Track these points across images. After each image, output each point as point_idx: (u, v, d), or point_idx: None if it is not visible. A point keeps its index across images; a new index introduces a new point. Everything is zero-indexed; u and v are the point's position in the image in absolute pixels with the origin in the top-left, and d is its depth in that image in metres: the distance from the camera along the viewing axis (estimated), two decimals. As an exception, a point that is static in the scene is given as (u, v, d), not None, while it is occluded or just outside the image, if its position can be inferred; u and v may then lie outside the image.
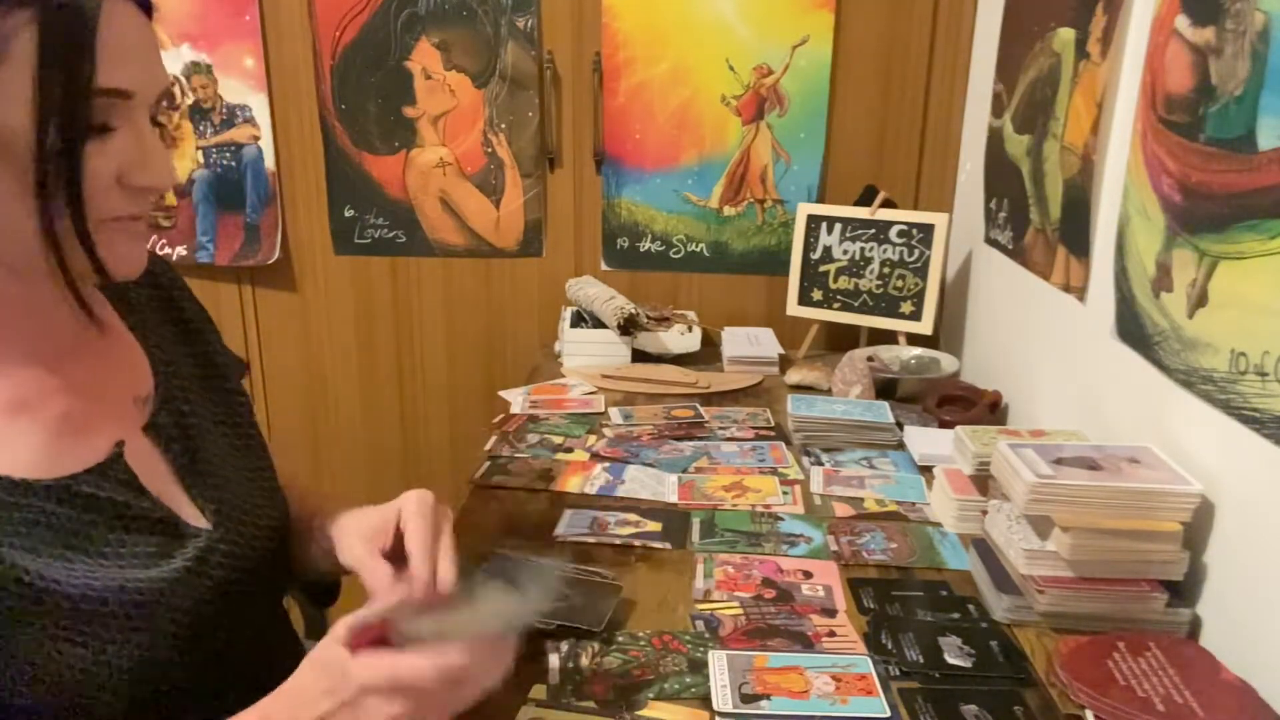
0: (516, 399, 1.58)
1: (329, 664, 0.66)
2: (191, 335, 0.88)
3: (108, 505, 0.71)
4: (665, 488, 1.25)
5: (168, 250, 1.97)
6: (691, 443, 1.40)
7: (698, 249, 1.97)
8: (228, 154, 1.96)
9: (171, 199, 1.97)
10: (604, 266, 1.99)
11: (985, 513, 1.07)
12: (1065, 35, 1.32)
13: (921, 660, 0.88)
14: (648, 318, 1.78)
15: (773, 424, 1.49)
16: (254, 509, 0.83)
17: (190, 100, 1.93)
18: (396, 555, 0.80)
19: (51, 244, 0.65)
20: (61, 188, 0.64)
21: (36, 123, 0.62)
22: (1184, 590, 0.94)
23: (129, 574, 0.70)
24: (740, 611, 0.96)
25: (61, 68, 0.63)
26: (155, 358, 0.82)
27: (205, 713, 0.70)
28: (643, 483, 1.25)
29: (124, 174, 0.68)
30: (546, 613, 0.88)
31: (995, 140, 1.61)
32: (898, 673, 0.86)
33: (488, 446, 1.39)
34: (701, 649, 0.88)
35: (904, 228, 1.76)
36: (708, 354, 1.82)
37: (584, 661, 0.86)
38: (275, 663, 0.74)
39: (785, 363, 1.75)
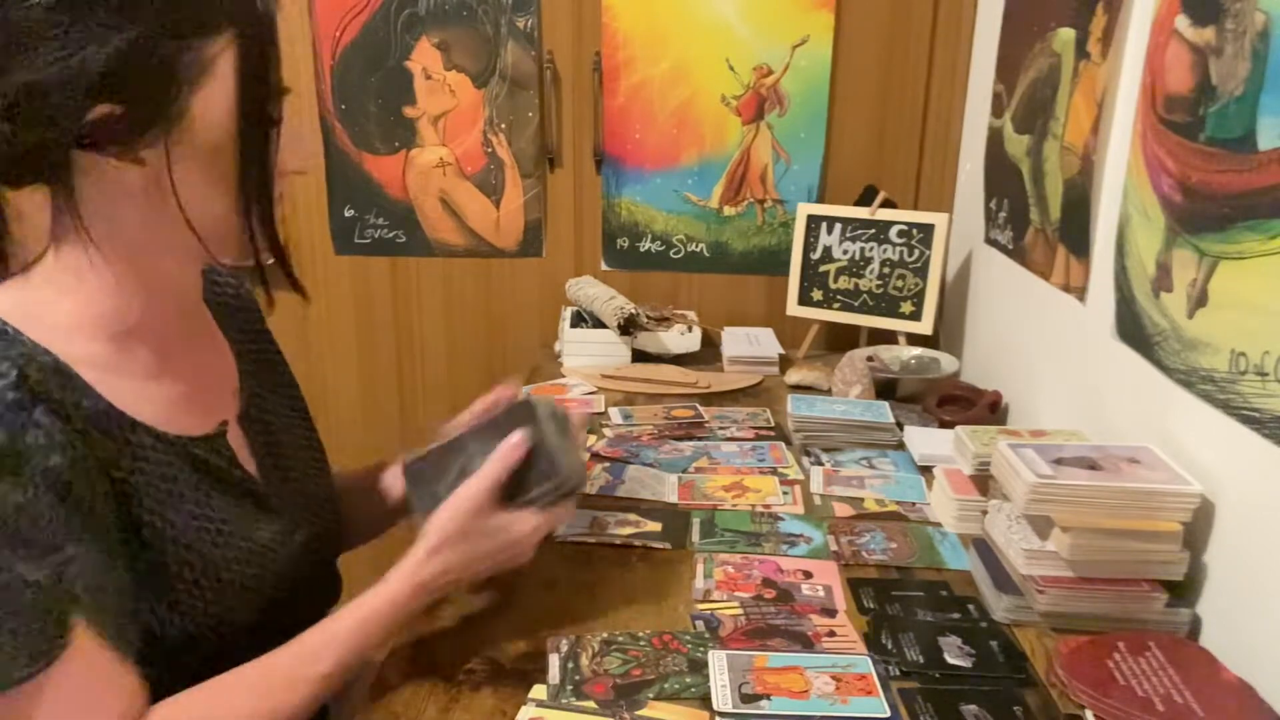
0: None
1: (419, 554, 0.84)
2: (257, 336, 0.96)
3: (215, 470, 0.79)
4: (665, 488, 1.24)
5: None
6: (691, 443, 1.40)
7: (698, 249, 1.97)
8: (228, 154, 1.96)
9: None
10: (604, 266, 1.99)
11: (985, 513, 1.07)
12: (1065, 35, 1.32)
13: (921, 660, 0.88)
14: (648, 318, 1.78)
15: (773, 424, 1.49)
16: (319, 501, 0.93)
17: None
18: None
19: (249, 228, 0.75)
20: (255, 178, 0.74)
21: (238, 124, 0.72)
22: (1184, 590, 0.94)
23: (233, 535, 0.78)
24: (740, 611, 0.96)
25: (256, 75, 0.72)
26: (239, 355, 0.91)
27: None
28: (643, 483, 1.25)
29: (283, 160, 0.77)
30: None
31: (995, 140, 1.61)
32: (898, 673, 0.86)
33: (488, 446, 1.39)
34: (701, 649, 0.88)
35: (904, 228, 1.76)
36: (708, 354, 1.82)
37: (584, 661, 0.86)
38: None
39: (785, 363, 1.75)
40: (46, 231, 0.75)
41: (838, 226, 1.82)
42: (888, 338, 1.79)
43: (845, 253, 1.81)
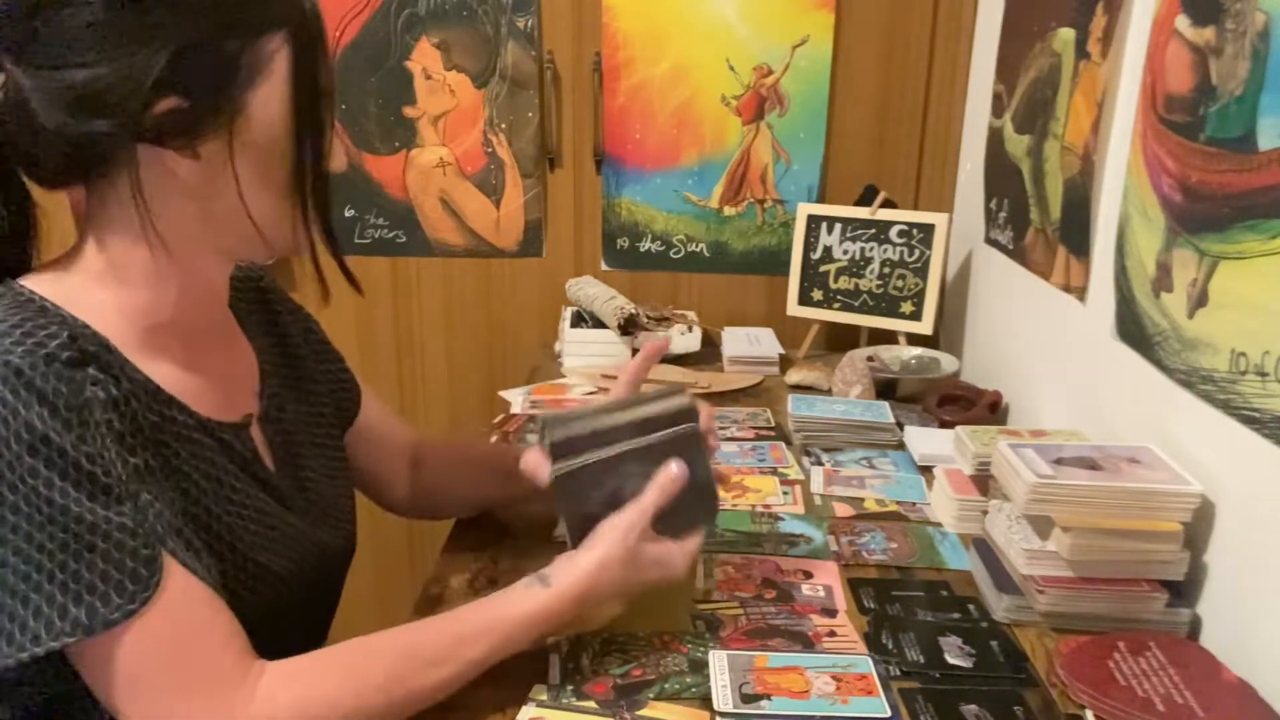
0: (516, 399, 1.58)
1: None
2: (288, 345, 0.97)
3: (239, 458, 0.80)
4: (665, 488, 1.24)
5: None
6: (691, 443, 1.40)
7: (698, 249, 1.97)
8: (228, 154, 1.96)
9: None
10: (604, 266, 1.99)
11: (985, 513, 1.07)
12: (1065, 35, 1.32)
13: (922, 660, 0.88)
14: (648, 318, 1.78)
15: (773, 424, 1.49)
16: (335, 508, 0.93)
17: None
18: None
19: (305, 226, 0.79)
20: (313, 179, 0.77)
21: (293, 124, 0.74)
22: (1184, 590, 0.94)
23: (254, 518, 0.79)
24: (740, 611, 0.96)
25: (308, 75, 0.75)
26: (261, 357, 0.91)
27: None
28: (643, 483, 1.25)
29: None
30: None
31: (995, 140, 1.61)
32: (898, 673, 0.86)
33: (488, 446, 1.38)
34: (701, 649, 0.88)
35: (904, 228, 1.76)
36: (708, 354, 1.82)
37: (584, 661, 0.86)
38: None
39: (785, 363, 1.75)
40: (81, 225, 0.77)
41: (838, 226, 1.82)
42: (888, 338, 1.79)
43: (845, 253, 1.81)
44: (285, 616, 0.80)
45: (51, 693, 0.71)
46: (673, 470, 0.87)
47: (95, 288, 0.75)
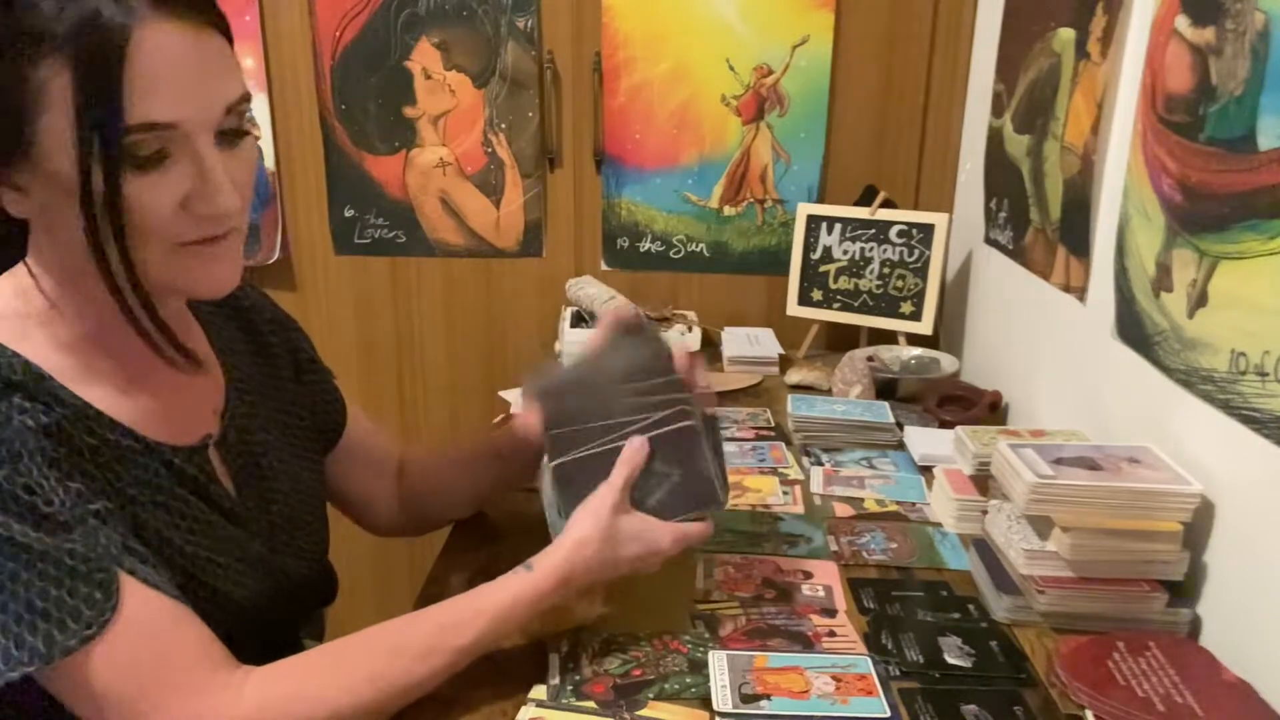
0: (516, 399, 1.58)
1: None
2: (270, 365, 0.94)
3: (192, 481, 0.78)
4: (665, 488, 1.24)
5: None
6: (691, 443, 1.40)
7: (698, 249, 1.97)
8: (228, 154, 1.95)
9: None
10: (604, 266, 1.99)
11: (985, 513, 1.07)
12: (1065, 35, 1.32)
13: (921, 660, 0.88)
14: (648, 318, 1.78)
15: (773, 424, 1.49)
16: (301, 538, 0.90)
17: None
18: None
19: (106, 275, 0.68)
20: (108, 222, 0.66)
21: (78, 162, 0.64)
22: (1184, 590, 0.94)
23: (205, 538, 0.77)
24: (740, 611, 0.96)
25: (96, 107, 0.63)
26: (230, 375, 0.88)
27: None
28: (643, 483, 1.25)
29: (186, 201, 0.69)
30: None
31: (995, 140, 1.61)
32: (898, 673, 0.86)
33: (488, 446, 1.38)
34: (701, 649, 0.88)
35: (904, 228, 1.76)
36: (708, 354, 1.81)
37: (584, 661, 0.87)
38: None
39: (785, 363, 1.74)
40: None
41: (838, 226, 1.82)
42: (888, 338, 1.79)
43: (845, 253, 1.81)
44: (247, 645, 0.76)
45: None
46: (634, 443, 0.89)
47: (24, 311, 0.72)
